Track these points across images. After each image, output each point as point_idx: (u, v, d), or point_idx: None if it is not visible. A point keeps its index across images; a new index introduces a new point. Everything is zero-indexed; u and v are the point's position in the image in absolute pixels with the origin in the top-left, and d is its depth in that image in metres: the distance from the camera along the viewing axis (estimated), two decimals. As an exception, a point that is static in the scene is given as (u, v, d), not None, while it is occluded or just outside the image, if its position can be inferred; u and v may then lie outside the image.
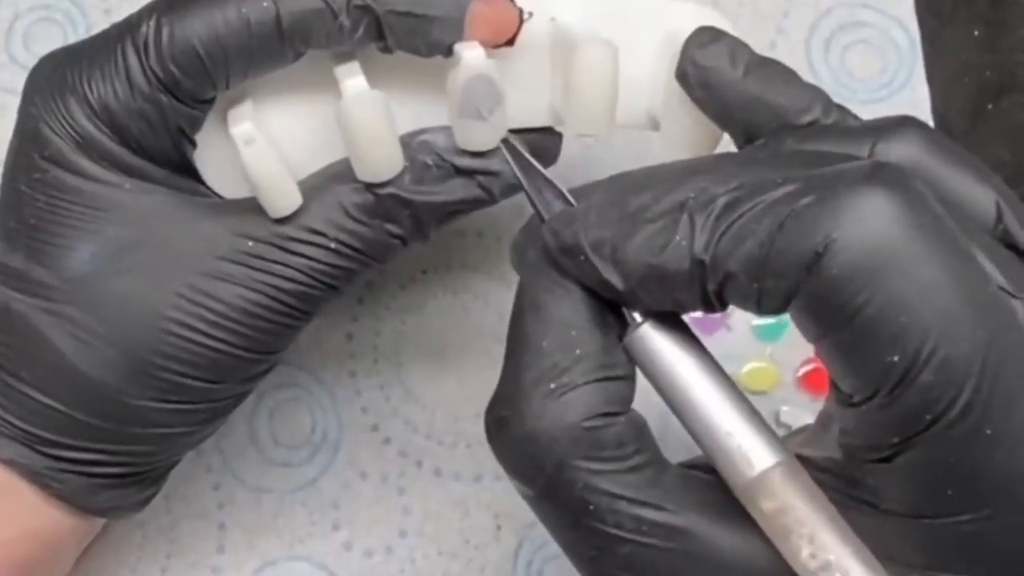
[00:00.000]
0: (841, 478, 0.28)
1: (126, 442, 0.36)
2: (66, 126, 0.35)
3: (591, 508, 0.28)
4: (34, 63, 0.37)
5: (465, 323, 0.46)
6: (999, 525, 0.26)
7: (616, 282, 0.28)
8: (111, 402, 0.35)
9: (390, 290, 0.46)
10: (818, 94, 0.33)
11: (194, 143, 0.37)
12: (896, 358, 0.25)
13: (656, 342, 0.29)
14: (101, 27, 0.37)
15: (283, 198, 0.36)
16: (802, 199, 0.26)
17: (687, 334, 0.29)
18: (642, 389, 0.30)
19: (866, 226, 0.25)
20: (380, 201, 0.36)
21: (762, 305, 0.27)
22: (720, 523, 0.28)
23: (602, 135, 0.37)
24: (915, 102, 0.49)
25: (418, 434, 0.45)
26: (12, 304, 0.35)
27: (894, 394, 0.25)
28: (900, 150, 0.30)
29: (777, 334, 0.46)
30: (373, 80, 0.35)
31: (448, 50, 0.35)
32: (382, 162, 0.36)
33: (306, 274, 0.36)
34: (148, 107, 0.35)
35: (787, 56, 0.49)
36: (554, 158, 0.39)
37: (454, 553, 0.44)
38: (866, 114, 0.33)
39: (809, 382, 0.46)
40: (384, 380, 0.46)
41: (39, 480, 0.36)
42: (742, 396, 0.29)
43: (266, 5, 0.34)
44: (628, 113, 0.37)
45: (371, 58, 0.36)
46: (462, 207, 0.37)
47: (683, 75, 0.34)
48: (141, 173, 0.36)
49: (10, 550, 0.36)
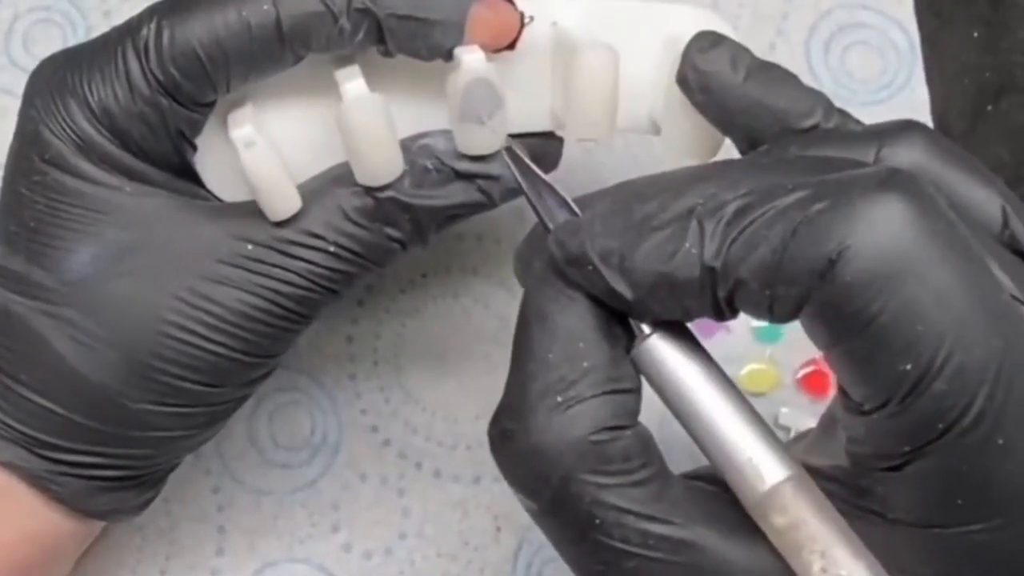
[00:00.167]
0: (848, 487, 0.28)
1: (125, 445, 0.36)
2: (67, 129, 0.35)
3: (597, 522, 0.28)
4: (33, 65, 0.37)
5: (465, 326, 0.46)
6: (1010, 534, 0.26)
7: (625, 291, 0.28)
8: (110, 405, 0.35)
9: (390, 293, 0.46)
10: (819, 98, 0.33)
11: (194, 146, 0.37)
12: (909, 366, 0.25)
13: (664, 353, 0.29)
14: (101, 29, 0.37)
15: (282, 201, 0.36)
16: (815, 205, 0.26)
17: (694, 345, 0.29)
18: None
19: (880, 233, 0.25)
20: (380, 205, 0.36)
21: (774, 312, 0.27)
22: (727, 536, 0.28)
23: (603, 139, 0.36)
24: (915, 103, 0.49)
25: (418, 436, 0.45)
26: (12, 307, 0.35)
27: (906, 402, 0.25)
28: (905, 154, 0.30)
29: (776, 336, 0.46)
30: (373, 84, 0.35)
31: (448, 54, 0.35)
32: (382, 166, 0.36)
33: (305, 278, 0.36)
34: (148, 110, 0.35)
35: (787, 58, 0.49)
36: (555, 163, 0.39)
37: (453, 554, 0.44)
38: (866, 115, 0.33)
39: (808, 384, 0.46)
40: (384, 383, 0.46)
41: (38, 483, 0.36)
42: (752, 409, 0.28)
43: (266, 8, 0.34)
44: (629, 117, 0.37)
45: (371, 62, 0.36)
46: (462, 211, 0.37)
47: (684, 80, 0.34)
48: (141, 176, 0.36)
49: (8, 553, 0.36)
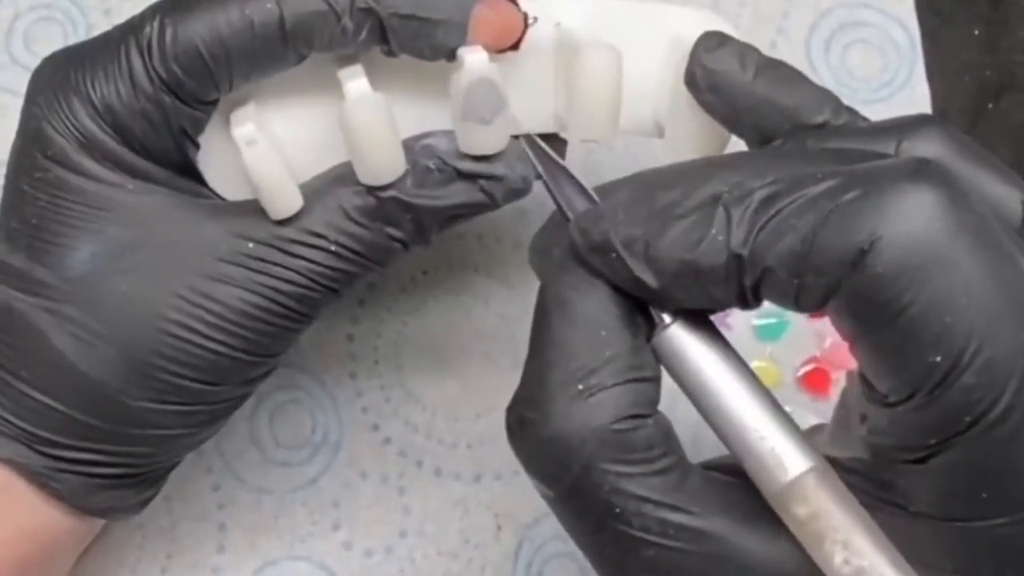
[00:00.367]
0: (869, 479, 0.28)
1: (125, 443, 0.36)
2: (69, 126, 0.35)
3: (617, 511, 0.28)
4: (35, 64, 0.37)
5: (466, 325, 0.46)
6: None
7: (649, 279, 0.28)
8: (110, 402, 0.35)
9: (391, 292, 0.46)
10: (828, 95, 0.33)
11: (197, 144, 0.37)
12: (939, 359, 0.25)
13: (685, 342, 0.29)
14: (101, 27, 0.37)
15: (284, 200, 0.35)
16: (846, 194, 0.26)
17: (715, 335, 0.29)
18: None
19: (913, 223, 0.25)
20: (381, 204, 0.36)
21: (800, 302, 0.27)
22: (746, 526, 0.28)
23: (606, 140, 0.36)
24: (915, 101, 0.49)
25: (418, 434, 0.45)
26: (13, 303, 0.35)
27: (934, 395, 0.25)
28: (924, 148, 0.30)
29: (778, 334, 0.46)
30: (376, 83, 0.35)
31: (451, 54, 0.35)
32: (384, 165, 0.36)
33: (306, 277, 0.36)
34: (151, 108, 0.35)
35: (787, 56, 0.48)
36: (559, 164, 0.39)
37: (454, 553, 0.44)
38: (867, 114, 0.33)
39: (809, 382, 0.46)
40: (385, 381, 0.46)
41: (37, 479, 0.36)
42: (773, 399, 0.28)
43: (270, 7, 0.34)
44: (632, 119, 0.37)
45: (374, 61, 0.36)
46: (464, 211, 0.37)
47: (692, 79, 0.34)
48: (143, 174, 0.36)
49: (8, 549, 0.36)
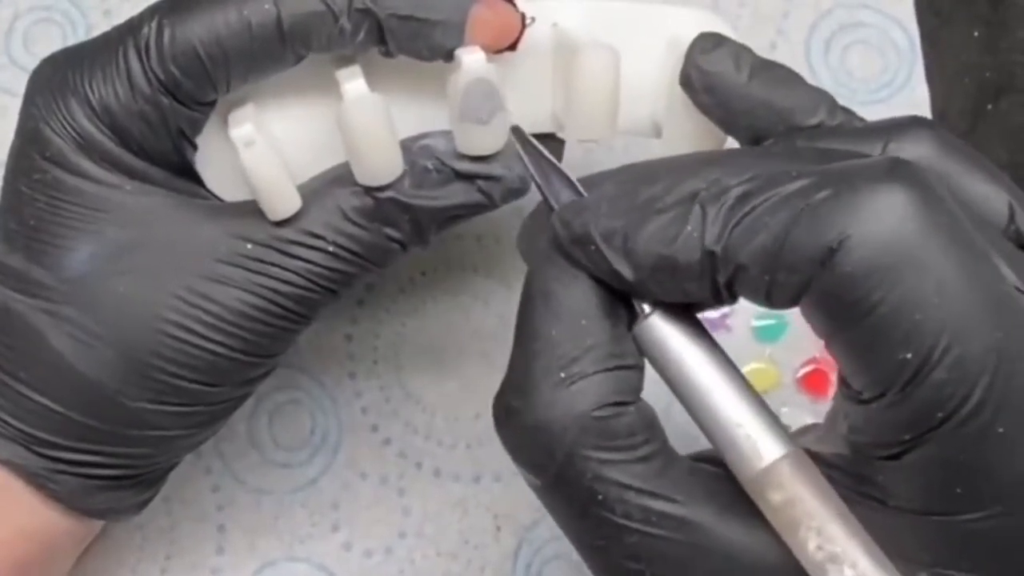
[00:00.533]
0: (849, 474, 0.28)
1: (123, 444, 0.36)
2: (67, 127, 0.35)
3: (600, 498, 0.28)
4: (34, 64, 0.37)
5: (464, 325, 0.46)
6: (1009, 523, 0.26)
7: (626, 272, 0.28)
8: (109, 403, 0.35)
9: (390, 292, 0.46)
10: (823, 96, 0.33)
11: (195, 145, 0.37)
12: (909, 355, 0.25)
13: (665, 332, 0.29)
14: (101, 28, 0.37)
15: (282, 201, 0.36)
16: (818, 193, 0.26)
17: (696, 325, 0.29)
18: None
19: (882, 223, 0.25)
20: (379, 205, 0.36)
21: (772, 299, 0.27)
22: (728, 515, 0.28)
23: (604, 140, 0.36)
24: (915, 102, 0.49)
25: (418, 435, 0.45)
26: (11, 304, 0.35)
27: (906, 392, 0.25)
28: (912, 150, 0.30)
29: (777, 335, 0.46)
30: (374, 84, 0.35)
31: (449, 55, 0.35)
32: (382, 166, 0.36)
33: (304, 277, 0.36)
34: (149, 109, 0.35)
35: (787, 57, 0.49)
36: (556, 164, 0.39)
37: (453, 554, 0.44)
38: (866, 114, 0.33)
39: (809, 383, 0.46)
40: (384, 382, 0.46)
41: (35, 480, 0.36)
42: (751, 388, 0.29)
43: (267, 8, 0.34)
44: (630, 119, 0.37)
45: (372, 62, 0.36)
46: (462, 212, 0.37)
47: (687, 80, 0.34)
48: (141, 175, 0.36)
49: (7, 550, 0.36)
